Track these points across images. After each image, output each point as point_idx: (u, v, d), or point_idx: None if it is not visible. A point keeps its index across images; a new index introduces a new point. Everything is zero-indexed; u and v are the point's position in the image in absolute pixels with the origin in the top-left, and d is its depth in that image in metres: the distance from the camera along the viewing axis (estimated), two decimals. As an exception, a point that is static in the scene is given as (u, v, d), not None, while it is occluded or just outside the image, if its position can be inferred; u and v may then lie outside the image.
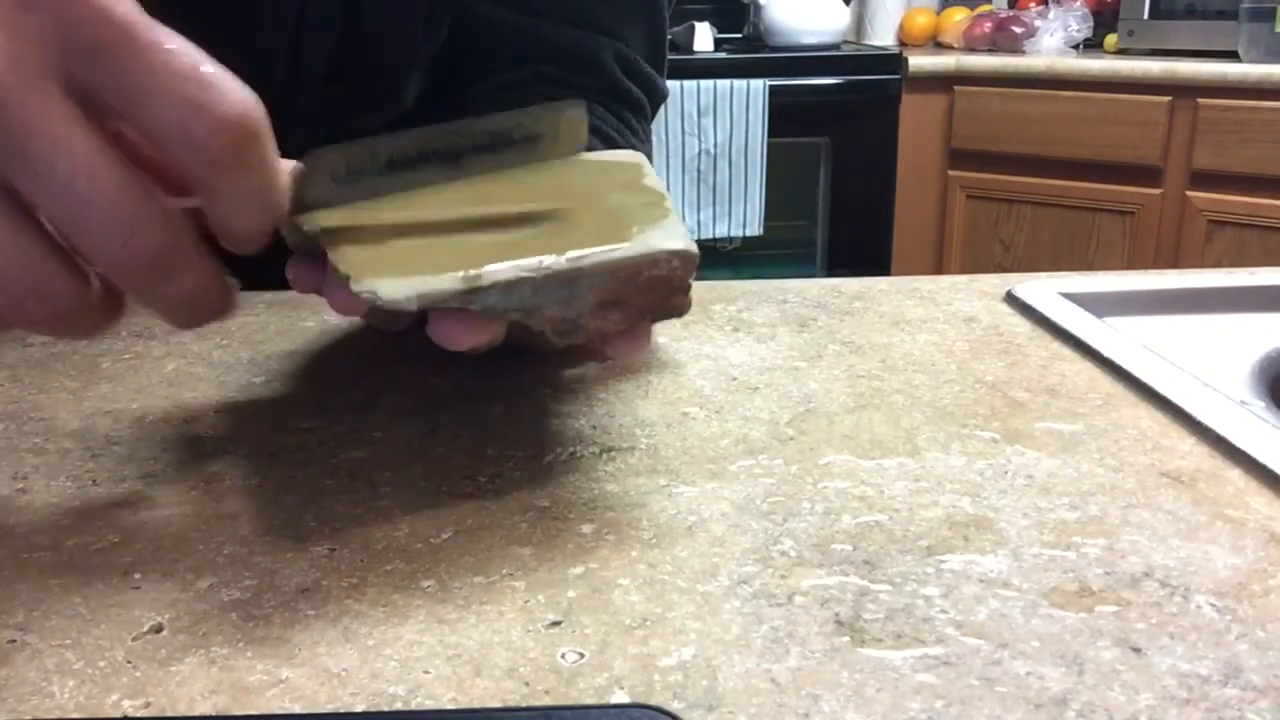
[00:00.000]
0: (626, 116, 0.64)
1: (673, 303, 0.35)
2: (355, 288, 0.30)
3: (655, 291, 0.34)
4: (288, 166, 0.32)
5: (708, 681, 0.27)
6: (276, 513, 0.35)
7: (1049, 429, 0.41)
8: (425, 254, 0.32)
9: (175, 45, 0.27)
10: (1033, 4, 2.57)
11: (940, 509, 0.35)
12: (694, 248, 0.34)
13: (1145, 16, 2.28)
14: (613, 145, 0.62)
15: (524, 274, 0.31)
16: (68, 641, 0.28)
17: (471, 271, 0.31)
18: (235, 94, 0.27)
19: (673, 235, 0.34)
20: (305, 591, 0.31)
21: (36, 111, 0.25)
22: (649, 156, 0.69)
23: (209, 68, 0.27)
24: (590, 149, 0.60)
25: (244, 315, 0.55)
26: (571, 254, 0.32)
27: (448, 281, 0.31)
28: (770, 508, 0.35)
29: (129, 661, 0.28)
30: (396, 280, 0.30)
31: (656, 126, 2.41)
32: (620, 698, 0.26)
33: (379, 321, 0.45)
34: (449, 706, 0.26)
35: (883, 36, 2.70)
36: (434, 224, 0.35)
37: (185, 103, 0.26)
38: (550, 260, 0.32)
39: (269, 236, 0.32)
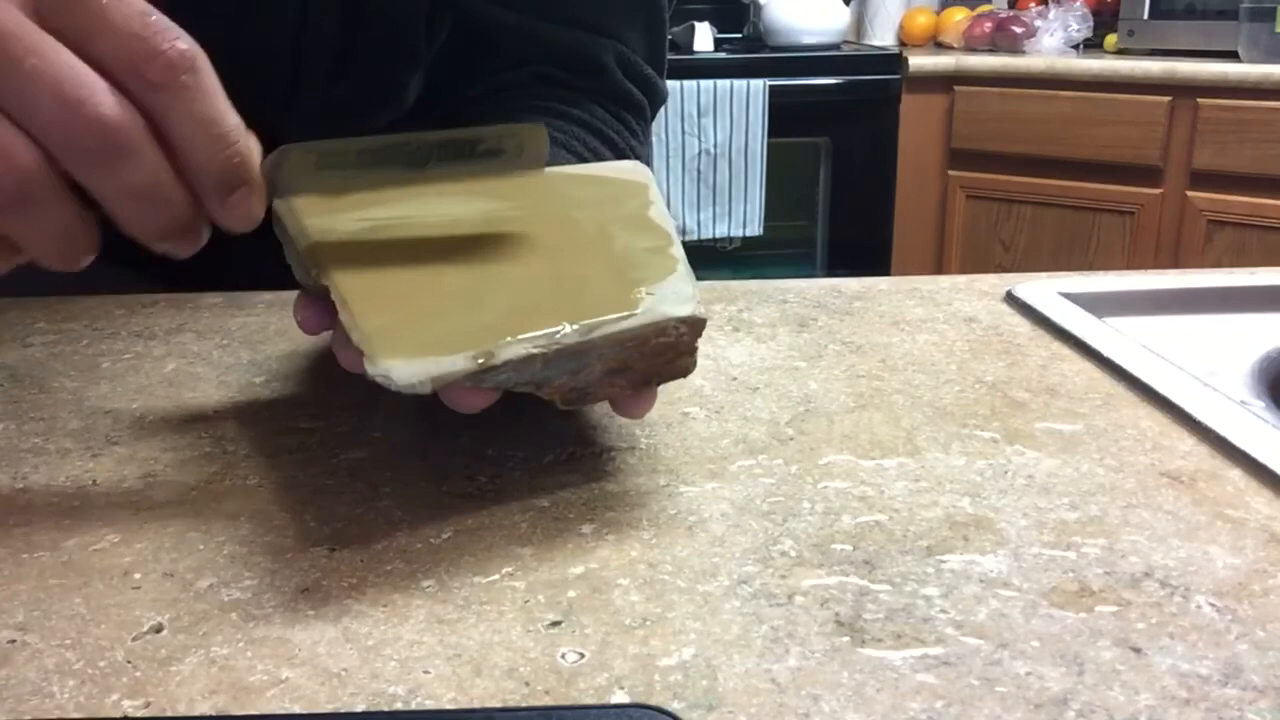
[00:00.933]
0: (626, 118, 0.64)
1: (678, 365, 0.36)
2: (370, 370, 0.31)
3: (662, 356, 0.35)
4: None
5: (708, 681, 0.27)
6: (276, 513, 0.35)
7: (1049, 429, 0.41)
8: (436, 318, 0.33)
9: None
10: (1033, 4, 2.57)
11: (940, 509, 0.35)
12: (701, 312, 0.35)
13: (1145, 16, 2.28)
14: (613, 146, 0.62)
15: (535, 350, 0.32)
16: (68, 641, 0.28)
17: (484, 348, 0.31)
18: (174, 31, 0.30)
19: (681, 299, 0.35)
20: (305, 591, 0.31)
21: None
22: (649, 159, 0.69)
23: (154, 15, 0.30)
24: (590, 150, 0.60)
25: (244, 315, 0.55)
26: (582, 325, 0.33)
27: (461, 362, 0.31)
28: (770, 508, 0.35)
29: (129, 661, 0.28)
30: (410, 362, 0.31)
31: (656, 126, 2.41)
32: (620, 698, 0.26)
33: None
34: (449, 706, 0.26)
35: (883, 36, 2.70)
36: (435, 247, 0.35)
37: (132, 35, 0.29)
38: (561, 334, 0.32)
39: (254, 209, 0.32)
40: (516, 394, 0.33)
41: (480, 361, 0.31)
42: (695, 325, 0.35)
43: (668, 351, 0.35)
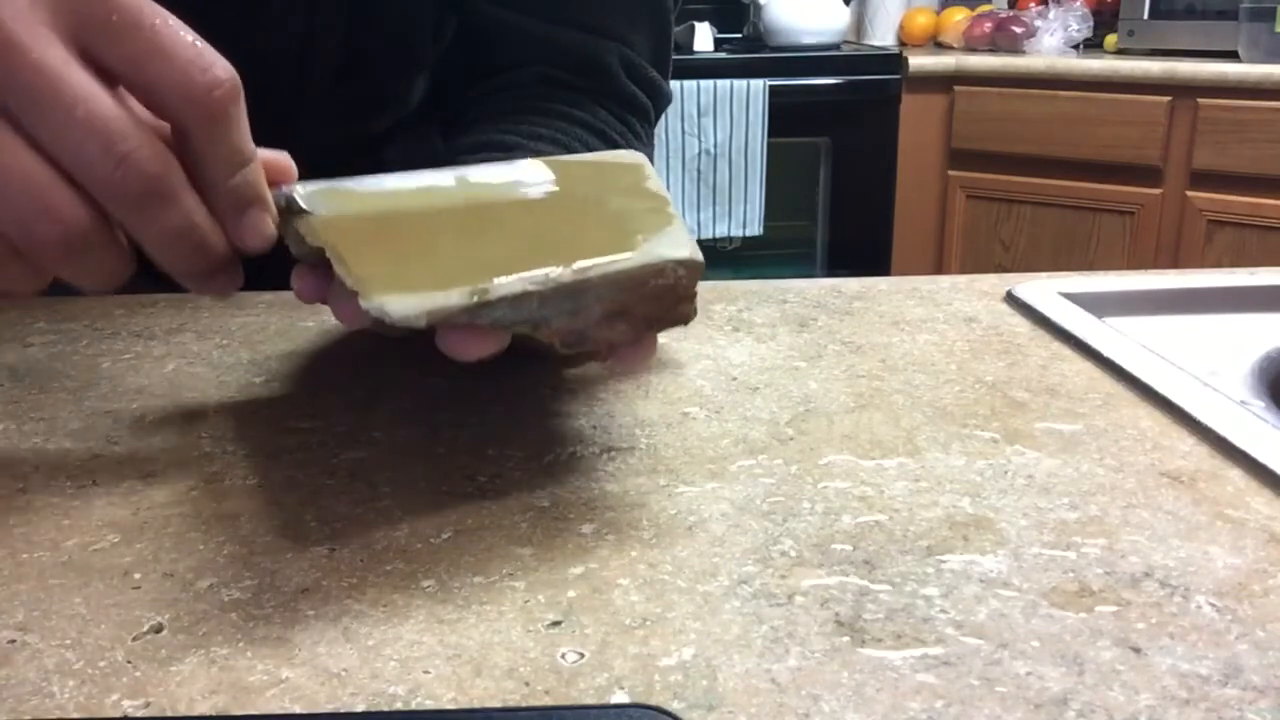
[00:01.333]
0: (630, 120, 0.64)
1: (678, 311, 0.35)
2: (364, 304, 0.31)
3: (661, 301, 0.34)
4: (265, 154, 0.34)
5: (708, 681, 0.27)
6: (276, 513, 0.35)
7: (1049, 429, 0.41)
8: (431, 262, 0.33)
9: (174, 20, 0.30)
10: (1033, 4, 2.57)
11: (940, 509, 0.35)
12: (699, 256, 0.35)
13: (1145, 16, 2.28)
14: (614, 147, 0.62)
15: (531, 287, 0.32)
16: (68, 641, 0.28)
17: (479, 285, 0.31)
18: (223, 60, 0.31)
19: (678, 243, 0.34)
20: (305, 591, 0.31)
21: (41, 52, 0.29)
22: (650, 160, 0.69)
23: (200, 40, 0.31)
24: (590, 150, 0.60)
25: (244, 315, 0.55)
26: (578, 265, 0.32)
27: (455, 297, 0.31)
28: (770, 508, 0.35)
29: (129, 661, 0.28)
30: (405, 296, 0.31)
31: (657, 126, 2.41)
32: (620, 698, 0.26)
33: (383, 329, 0.45)
34: (449, 706, 0.26)
35: (883, 36, 2.70)
36: (432, 213, 0.35)
37: (188, 63, 0.30)
38: (556, 272, 0.32)
39: (268, 227, 0.34)
40: (517, 395, 0.33)
41: (475, 298, 0.31)
42: (693, 268, 0.34)
43: (666, 296, 0.34)
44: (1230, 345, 0.53)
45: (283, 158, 0.36)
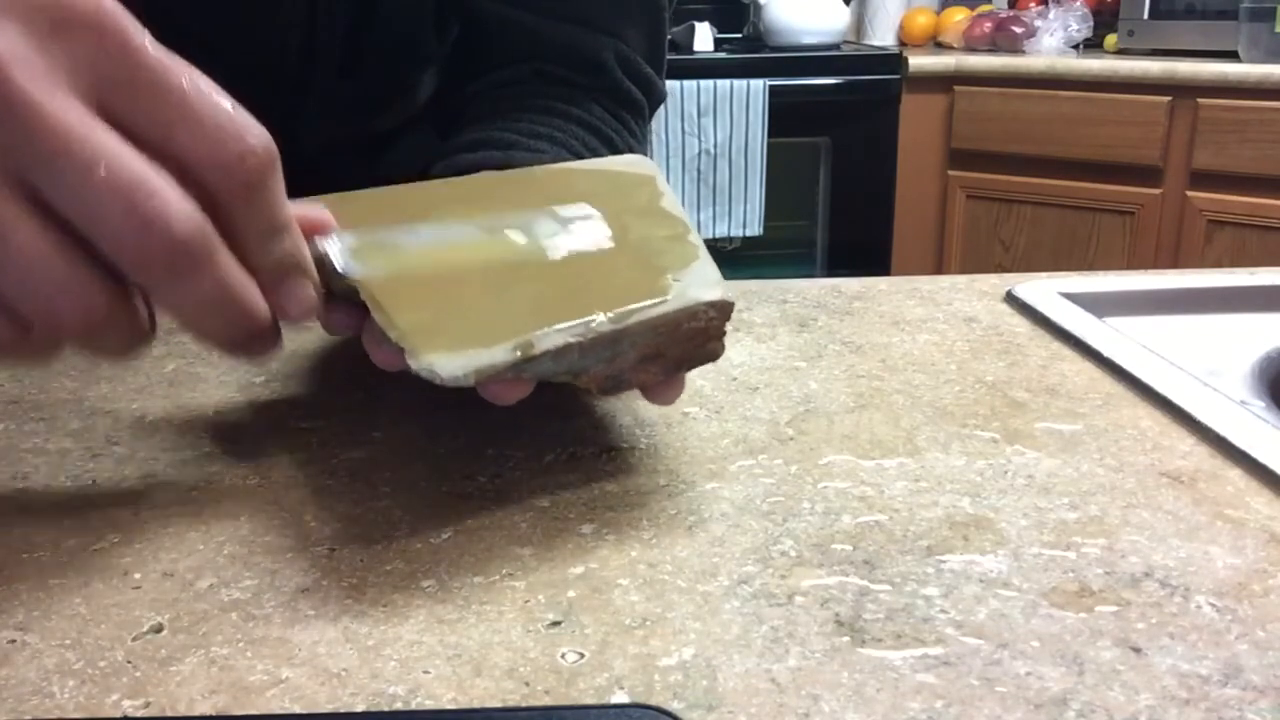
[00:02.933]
0: (624, 117, 0.64)
1: (708, 349, 0.36)
2: (413, 365, 0.31)
3: (692, 341, 0.35)
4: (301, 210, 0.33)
5: (708, 681, 0.27)
6: (276, 513, 0.35)
7: (1049, 429, 0.41)
8: (471, 315, 0.33)
9: (204, 83, 0.28)
10: (1033, 4, 2.57)
11: (940, 509, 0.35)
12: (730, 296, 0.36)
13: (1145, 16, 2.28)
14: (611, 146, 0.62)
15: (571, 339, 0.32)
16: (68, 641, 0.28)
17: (522, 340, 0.32)
18: (258, 126, 0.29)
19: (708, 283, 0.36)
20: (305, 591, 0.31)
21: (59, 113, 0.26)
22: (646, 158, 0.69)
23: (234, 105, 0.29)
24: (589, 150, 0.60)
25: (244, 315, 0.55)
26: (615, 313, 0.33)
27: (501, 354, 0.32)
28: (770, 508, 0.35)
29: (129, 661, 0.28)
30: (452, 357, 0.31)
31: (657, 126, 2.41)
32: (620, 698, 0.26)
33: None
34: (449, 706, 0.26)
35: (883, 36, 2.70)
36: (467, 261, 0.35)
37: (220, 129, 0.28)
38: (596, 322, 0.33)
39: (311, 295, 0.32)
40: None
41: (519, 353, 0.32)
42: (724, 309, 0.35)
43: (698, 336, 0.35)
44: (1230, 345, 0.53)
45: (317, 212, 0.34)
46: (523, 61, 0.63)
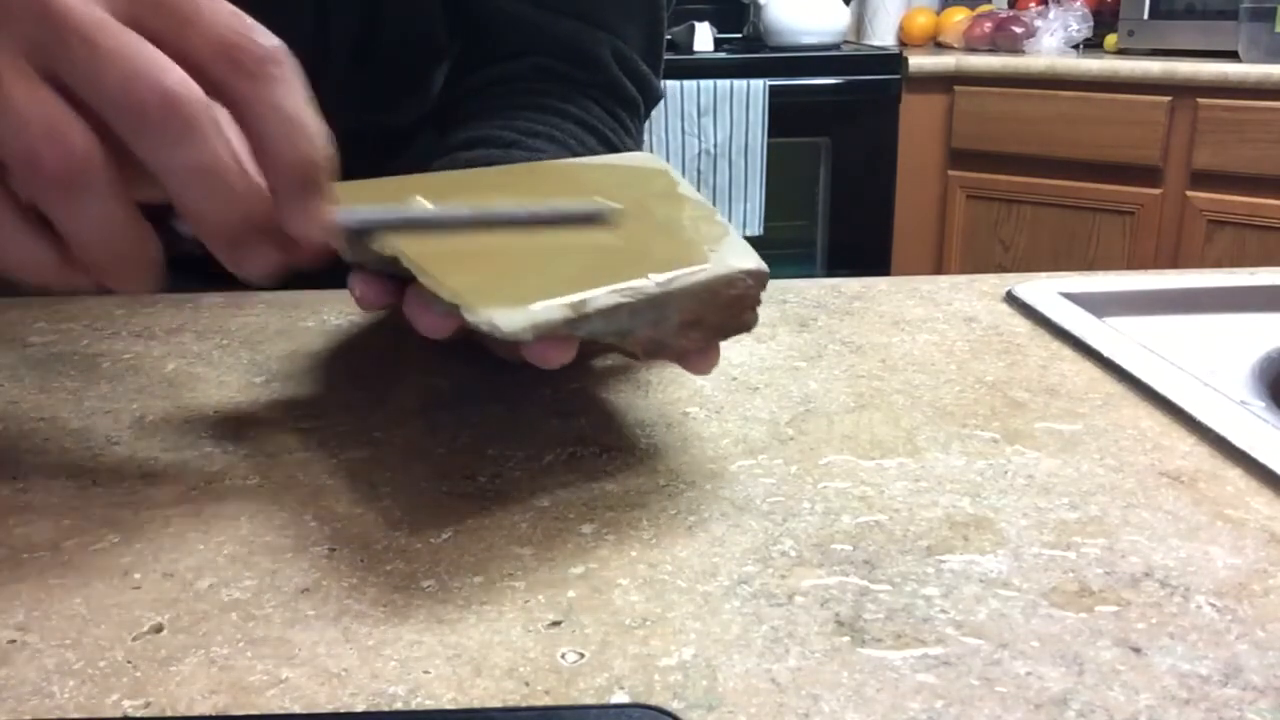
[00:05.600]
0: (620, 115, 0.64)
1: (743, 319, 0.37)
2: (470, 318, 0.31)
3: (730, 310, 0.36)
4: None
5: (708, 681, 0.27)
6: (276, 513, 0.35)
7: (1049, 429, 0.41)
8: (519, 278, 0.33)
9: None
10: (1033, 4, 2.57)
11: (940, 509, 0.35)
12: (765, 266, 0.37)
13: (1145, 16, 2.28)
14: (607, 144, 0.62)
15: (622, 299, 0.33)
16: (68, 641, 0.28)
17: (577, 298, 0.32)
18: (266, 31, 0.30)
19: (744, 254, 0.37)
20: (305, 591, 0.31)
21: (80, 8, 0.28)
22: None
23: (247, 16, 0.30)
24: (586, 148, 0.61)
25: (244, 315, 0.55)
26: (661, 278, 0.34)
27: (558, 310, 0.32)
28: (770, 508, 0.35)
29: (129, 661, 0.28)
30: (511, 311, 0.31)
31: (657, 126, 2.41)
32: (620, 698, 0.26)
33: (454, 337, 0.40)
34: (449, 706, 0.26)
35: (883, 36, 2.70)
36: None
37: (230, 28, 0.29)
38: (643, 284, 0.34)
39: (329, 218, 0.31)
40: (517, 395, 0.33)
41: (575, 309, 0.32)
42: (760, 278, 0.37)
43: (735, 304, 0.36)
44: (1230, 345, 0.53)
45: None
46: (521, 56, 0.63)
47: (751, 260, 0.37)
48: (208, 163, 0.29)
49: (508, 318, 0.31)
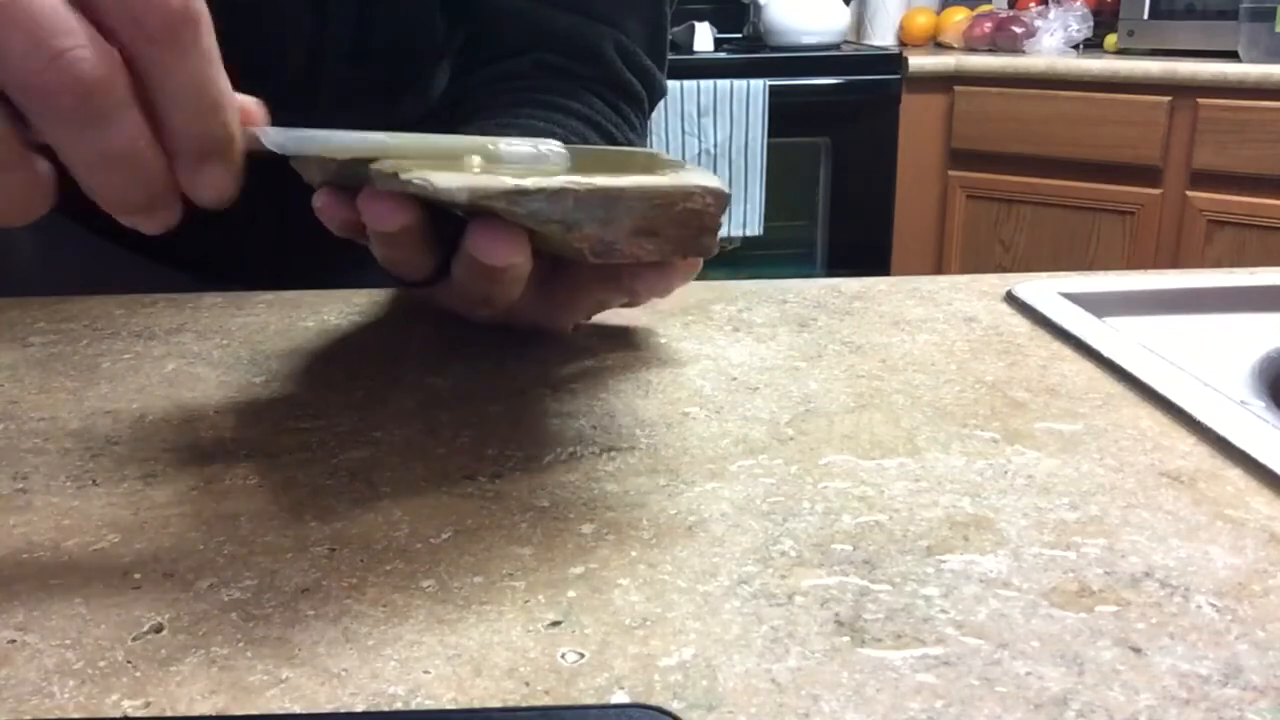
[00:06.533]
0: (624, 110, 0.64)
1: (702, 241, 0.37)
2: (405, 177, 0.31)
3: (688, 226, 0.36)
4: (246, 102, 0.32)
5: (708, 681, 0.27)
6: (276, 513, 0.35)
7: (1049, 429, 0.41)
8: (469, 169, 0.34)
9: None
10: (1033, 4, 2.57)
11: (940, 509, 0.35)
12: (726, 188, 0.36)
13: (1145, 16, 2.28)
14: (610, 140, 0.62)
15: (569, 185, 0.33)
16: (68, 641, 0.28)
17: (524, 180, 0.32)
18: (85, 47, 0.27)
19: (705, 177, 0.36)
20: (305, 591, 0.31)
21: None
22: None
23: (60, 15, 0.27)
24: (589, 142, 0.61)
25: (244, 315, 0.55)
26: (614, 177, 0.34)
27: (498, 180, 0.32)
28: (770, 508, 0.35)
29: (129, 661, 0.28)
30: (448, 174, 0.31)
31: (657, 127, 2.41)
32: (620, 698, 0.26)
33: (401, 263, 0.41)
34: (449, 706, 0.26)
35: (883, 36, 2.70)
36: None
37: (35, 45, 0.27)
38: (595, 178, 0.33)
39: (228, 185, 0.31)
40: (517, 395, 0.33)
41: (516, 182, 0.32)
42: (719, 197, 0.36)
43: (693, 221, 0.36)
44: (1230, 345, 0.53)
45: (252, 103, 0.33)
46: (523, 51, 0.63)
47: (712, 180, 0.36)
48: (118, 152, 0.28)
49: (444, 178, 0.31)
